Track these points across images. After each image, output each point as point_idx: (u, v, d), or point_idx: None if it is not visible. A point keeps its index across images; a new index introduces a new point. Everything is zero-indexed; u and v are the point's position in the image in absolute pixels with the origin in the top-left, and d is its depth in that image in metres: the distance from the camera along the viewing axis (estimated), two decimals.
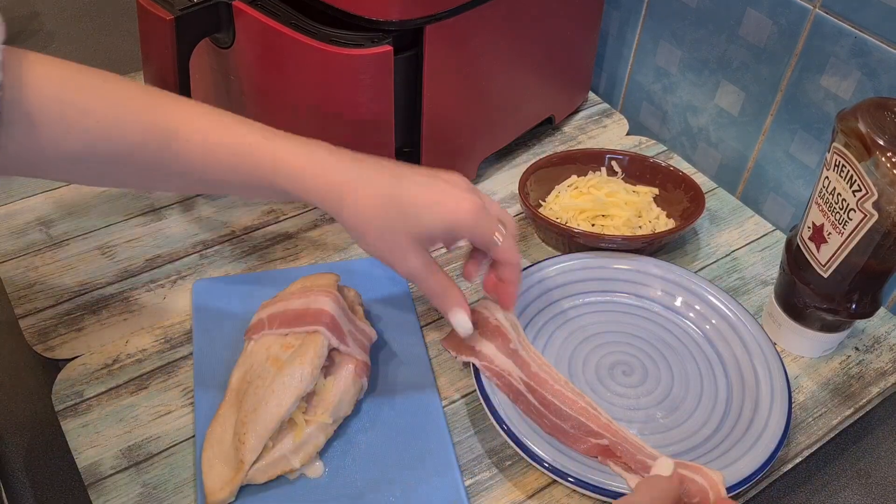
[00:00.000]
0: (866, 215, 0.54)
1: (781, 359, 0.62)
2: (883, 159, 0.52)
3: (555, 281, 0.68)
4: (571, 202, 0.75)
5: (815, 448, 0.61)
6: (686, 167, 0.86)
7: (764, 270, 0.74)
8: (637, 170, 0.79)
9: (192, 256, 0.72)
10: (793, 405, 0.59)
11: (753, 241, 0.77)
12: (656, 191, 0.77)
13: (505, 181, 0.82)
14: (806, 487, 0.61)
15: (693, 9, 0.80)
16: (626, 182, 0.78)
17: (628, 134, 0.90)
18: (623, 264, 0.70)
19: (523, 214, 0.77)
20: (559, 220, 0.73)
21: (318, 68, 0.64)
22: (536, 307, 0.67)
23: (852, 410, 0.62)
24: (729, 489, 0.53)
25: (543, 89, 0.83)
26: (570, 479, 0.54)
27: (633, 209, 0.74)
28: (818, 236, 0.59)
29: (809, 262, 0.61)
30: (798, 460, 0.60)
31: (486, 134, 0.79)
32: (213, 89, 0.77)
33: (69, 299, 0.67)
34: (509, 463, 0.58)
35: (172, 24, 0.64)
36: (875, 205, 0.53)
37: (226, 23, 0.68)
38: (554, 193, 0.77)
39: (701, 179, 0.84)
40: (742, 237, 0.77)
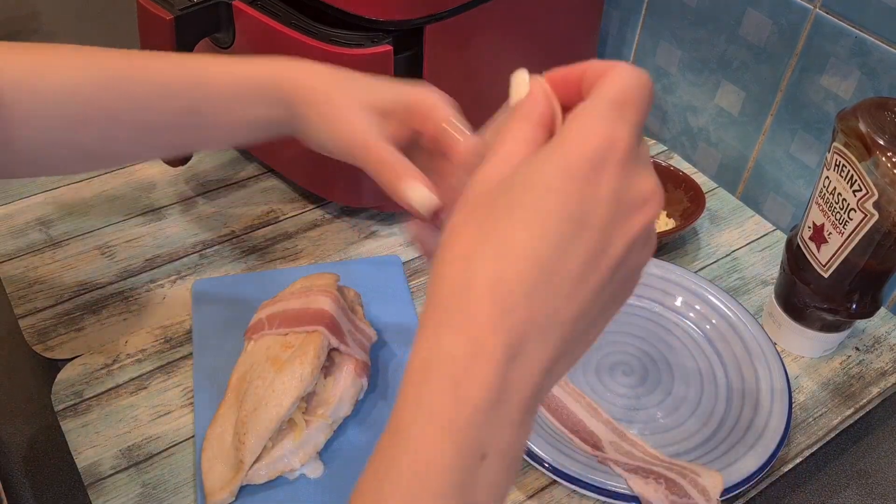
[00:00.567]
0: (866, 215, 0.54)
1: (781, 359, 0.62)
2: (883, 159, 0.52)
3: None
4: None
5: (815, 448, 0.61)
6: (686, 167, 0.86)
7: (764, 270, 0.74)
8: None
9: (192, 256, 0.72)
10: (793, 405, 0.59)
11: (753, 241, 0.77)
12: None
13: None
14: (806, 487, 0.61)
15: (693, 9, 0.80)
16: None
17: None
18: None
19: None
20: None
21: None
22: None
23: (852, 410, 0.62)
24: (729, 489, 0.53)
25: None
26: (570, 480, 0.54)
27: None
28: (818, 236, 0.59)
29: (810, 262, 0.61)
30: (798, 460, 0.60)
31: None
32: None
33: (69, 299, 0.67)
34: None
35: (172, 24, 0.64)
36: (875, 205, 0.53)
37: (226, 23, 0.68)
38: None
39: (701, 179, 0.84)
40: (742, 237, 0.77)
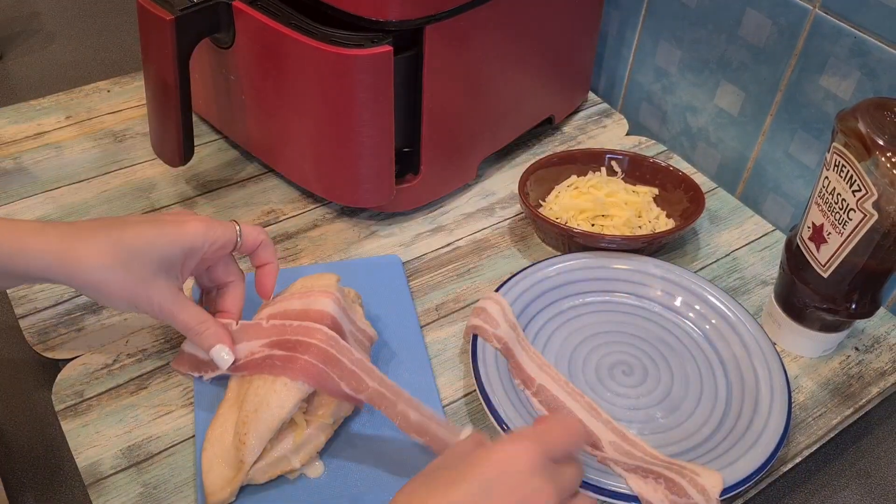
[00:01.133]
0: (866, 215, 0.54)
1: (781, 359, 0.62)
2: (883, 159, 0.52)
3: (555, 281, 0.68)
4: (571, 202, 0.75)
5: (815, 448, 0.61)
6: (686, 167, 0.86)
7: (764, 270, 0.74)
8: (637, 170, 0.79)
9: None
10: (793, 405, 0.59)
11: (753, 241, 0.77)
12: (656, 191, 0.77)
13: (505, 181, 0.82)
14: (806, 487, 0.61)
15: (693, 9, 0.80)
16: (626, 182, 0.78)
17: (628, 134, 0.90)
18: (623, 264, 0.70)
19: (523, 214, 0.78)
20: (559, 220, 0.73)
21: (318, 68, 0.64)
22: (536, 307, 0.67)
23: (852, 410, 0.62)
24: (729, 489, 0.53)
25: (543, 89, 0.83)
26: None
27: (633, 209, 0.74)
28: (818, 236, 0.59)
29: (809, 262, 0.61)
30: (798, 460, 0.60)
31: (486, 134, 0.79)
32: (213, 89, 0.77)
33: (69, 299, 0.67)
34: None
35: (172, 24, 0.64)
36: (875, 205, 0.53)
37: (226, 23, 0.68)
38: (554, 193, 0.77)
39: (701, 179, 0.84)
40: (742, 237, 0.77)
